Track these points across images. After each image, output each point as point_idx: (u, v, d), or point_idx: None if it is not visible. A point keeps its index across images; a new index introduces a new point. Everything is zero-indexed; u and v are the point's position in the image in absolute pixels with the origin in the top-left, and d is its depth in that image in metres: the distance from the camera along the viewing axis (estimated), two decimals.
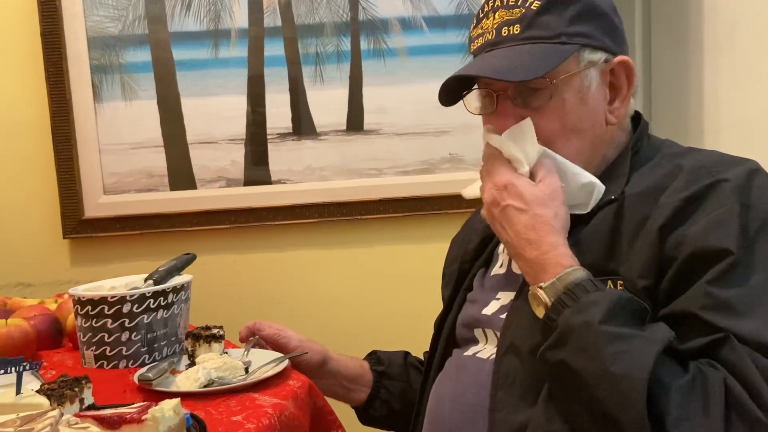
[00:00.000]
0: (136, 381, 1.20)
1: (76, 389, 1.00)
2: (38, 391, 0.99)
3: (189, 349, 1.33)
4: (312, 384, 1.26)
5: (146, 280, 1.40)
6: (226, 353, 1.32)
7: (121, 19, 2.00)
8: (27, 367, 1.02)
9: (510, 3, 1.08)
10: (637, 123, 1.16)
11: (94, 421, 0.88)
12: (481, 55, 1.11)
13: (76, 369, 1.35)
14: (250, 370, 1.26)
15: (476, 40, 1.13)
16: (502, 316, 1.11)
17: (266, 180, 2.06)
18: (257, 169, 2.06)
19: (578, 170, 1.07)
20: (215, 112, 2.04)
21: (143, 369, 1.23)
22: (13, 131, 2.03)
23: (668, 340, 0.91)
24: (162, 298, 1.35)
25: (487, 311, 1.16)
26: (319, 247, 2.09)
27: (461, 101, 1.16)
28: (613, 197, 1.06)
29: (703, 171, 1.01)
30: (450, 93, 1.14)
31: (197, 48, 2.02)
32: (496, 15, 1.09)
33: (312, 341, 1.40)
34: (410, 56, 2.05)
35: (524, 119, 1.07)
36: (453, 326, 1.24)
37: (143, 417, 0.88)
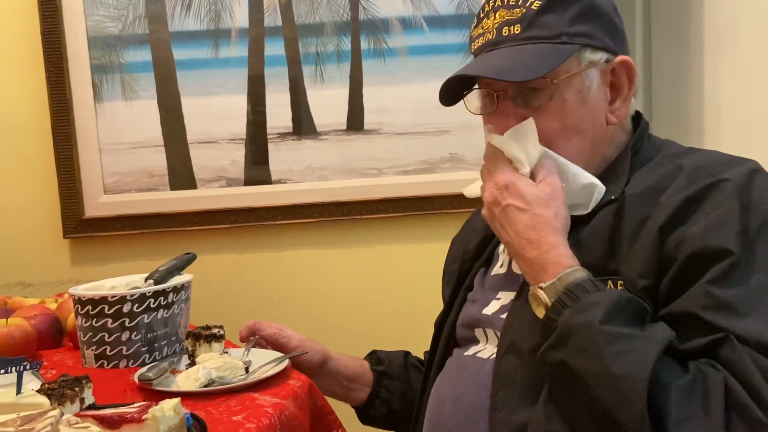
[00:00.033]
0: (137, 381, 1.20)
1: (77, 389, 1.00)
2: (39, 391, 0.99)
3: (189, 349, 1.33)
4: (312, 384, 1.26)
5: (146, 280, 1.40)
6: (227, 353, 1.32)
7: (122, 19, 2.00)
8: (27, 367, 1.02)
9: (511, 3, 1.08)
10: (638, 123, 1.16)
11: (95, 421, 0.88)
12: (482, 55, 1.11)
13: (77, 368, 1.35)
14: (251, 370, 1.26)
15: (477, 40, 1.13)
16: (503, 316, 1.11)
17: (266, 180, 2.06)
18: (257, 169, 2.06)
19: (579, 171, 1.07)
20: (215, 112, 2.04)
21: (143, 369, 1.23)
22: (14, 131, 2.03)
23: (668, 340, 0.91)
24: (162, 298, 1.35)
25: (488, 311, 1.16)
26: (319, 247, 2.09)
27: (462, 101, 1.16)
28: (614, 197, 1.06)
29: (704, 171, 1.01)
30: (450, 93, 1.14)
31: (197, 48, 2.02)
32: (497, 15, 1.09)
33: (312, 341, 1.40)
34: (410, 56, 2.05)
35: (526, 119, 1.07)
36: (453, 326, 1.24)
37: (143, 417, 0.88)
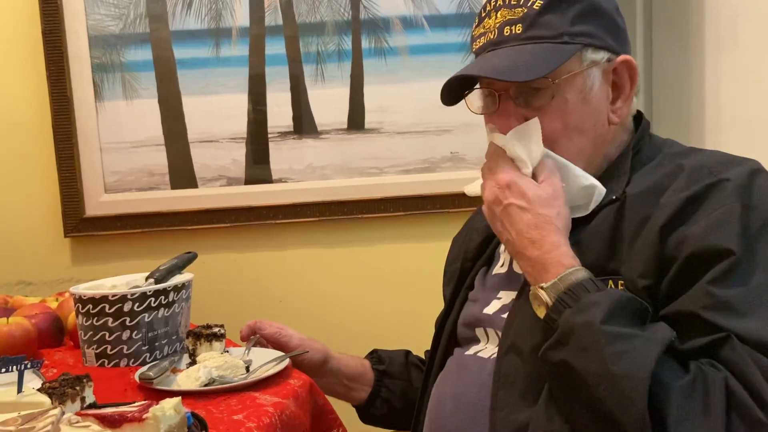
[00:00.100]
0: (137, 380, 1.20)
1: (77, 388, 1.00)
2: (39, 390, 0.99)
3: (190, 348, 1.33)
4: (313, 383, 1.26)
5: (147, 279, 1.40)
6: (227, 352, 1.32)
7: (122, 18, 2.00)
8: (28, 366, 1.02)
9: (512, 2, 1.08)
10: (639, 122, 1.16)
11: (95, 420, 0.88)
12: (483, 55, 1.11)
13: (77, 367, 1.35)
14: (251, 369, 1.26)
15: (478, 40, 1.13)
16: (504, 316, 1.11)
17: (267, 179, 2.06)
18: (258, 168, 2.06)
19: (580, 172, 1.07)
20: (216, 111, 2.04)
21: (144, 368, 1.23)
22: (14, 130, 2.04)
23: (669, 340, 0.91)
24: (163, 297, 1.35)
25: (489, 310, 1.16)
26: (320, 246, 2.09)
27: (463, 101, 1.15)
28: (615, 197, 1.06)
29: (705, 171, 1.01)
30: (452, 92, 1.14)
31: (198, 46, 2.02)
32: (498, 14, 1.09)
33: (313, 340, 1.40)
34: (411, 55, 2.05)
35: (527, 119, 1.07)
36: (454, 325, 1.23)
37: (144, 416, 0.88)
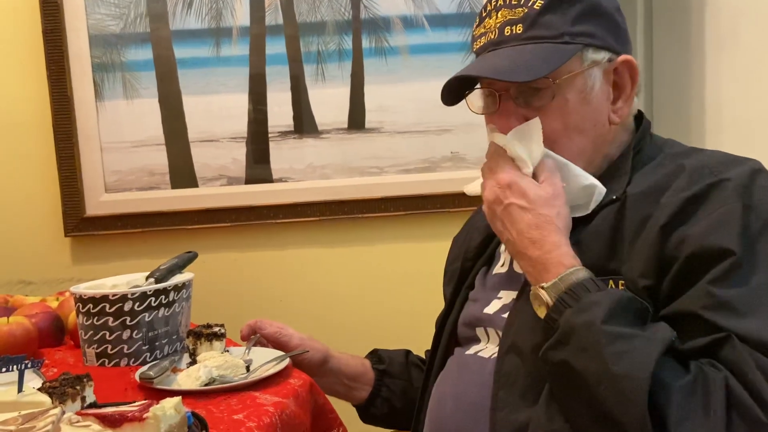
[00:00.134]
0: (138, 379, 1.20)
1: (78, 387, 1.00)
2: (40, 389, 0.99)
3: (190, 348, 1.33)
4: (313, 382, 1.26)
5: (147, 279, 1.40)
6: (228, 351, 1.32)
7: (123, 17, 2.00)
8: (29, 365, 1.02)
9: (513, 2, 1.08)
10: (640, 122, 1.16)
11: (96, 419, 0.88)
12: (484, 55, 1.11)
13: (78, 367, 1.35)
14: (251, 369, 1.26)
15: (479, 40, 1.13)
16: (504, 315, 1.11)
17: (267, 178, 2.06)
18: (258, 167, 2.06)
19: (580, 172, 1.07)
20: (217, 111, 2.04)
21: (144, 367, 1.23)
22: (15, 129, 2.03)
23: (669, 340, 0.91)
24: (163, 297, 1.35)
25: (489, 310, 1.16)
26: (321, 246, 2.09)
27: (464, 101, 1.15)
28: (615, 197, 1.06)
29: (705, 171, 1.01)
30: (452, 92, 1.13)
31: (199, 46, 2.02)
32: (499, 14, 1.09)
33: (313, 339, 1.40)
34: (412, 55, 2.05)
35: (528, 119, 1.07)
36: (455, 325, 1.23)
37: (144, 415, 0.88)
